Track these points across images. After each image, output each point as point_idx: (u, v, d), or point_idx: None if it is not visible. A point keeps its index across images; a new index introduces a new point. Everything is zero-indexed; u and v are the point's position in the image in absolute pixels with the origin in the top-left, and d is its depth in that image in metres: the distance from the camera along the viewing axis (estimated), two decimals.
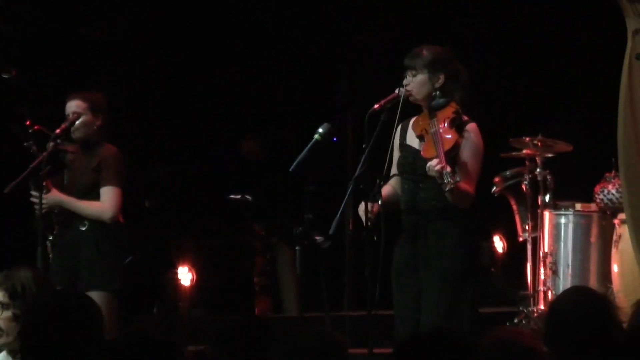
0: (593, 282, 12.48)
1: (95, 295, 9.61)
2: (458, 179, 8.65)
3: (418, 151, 9.00)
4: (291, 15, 17.07)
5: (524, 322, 12.71)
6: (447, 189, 8.64)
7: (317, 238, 9.74)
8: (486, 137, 9.35)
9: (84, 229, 10.39)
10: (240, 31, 17.25)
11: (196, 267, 13.95)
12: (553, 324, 6.28)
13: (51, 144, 10.23)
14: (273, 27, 17.27)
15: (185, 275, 13.94)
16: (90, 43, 16.29)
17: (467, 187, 8.86)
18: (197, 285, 13.99)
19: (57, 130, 10.26)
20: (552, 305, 6.90)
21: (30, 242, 10.81)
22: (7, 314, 7.60)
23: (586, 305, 6.19)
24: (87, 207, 10.44)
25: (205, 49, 17.40)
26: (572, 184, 13.80)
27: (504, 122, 14.35)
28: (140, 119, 14.83)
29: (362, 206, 9.16)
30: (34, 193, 10.44)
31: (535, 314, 12.96)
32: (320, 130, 9.39)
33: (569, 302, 6.40)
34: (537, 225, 13.21)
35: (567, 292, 7.36)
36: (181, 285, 13.69)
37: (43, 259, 10.44)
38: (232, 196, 13.72)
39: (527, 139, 13.09)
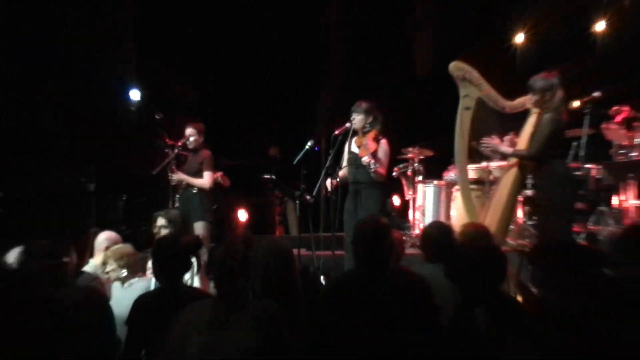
0: (442, 219, 14.97)
1: (200, 224, 13.96)
2: (377, 166, 12.33)
3: (357, 154, 12.60)
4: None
5: (406, 238, 14.17)
6: (371, 171, 12.37)
7: (307, 197, 13.31)
8: (392, 146, 12.90)
9: (194, 191, 14.35)
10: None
11: (248, 211, 17.21)
12: (424, 241, 8.90)
13: (176, 150, 14.24)
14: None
15: (243, 215, 17.13)
16: None
17: (381, 171, 12.48)
18: (248, 220, 17.01)
19: (179, 143, 14.36)
20: (424, 231, 9.25)
21: (165, 198, 14.50)
22: (165, 231, 10.61)
23: (441, 229, 8.81)
24: (196, 181, 14.33)
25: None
26: (433, 171, 16.20)
27: (402, 137, 16.14)
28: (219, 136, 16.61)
29: (328, 181, 12.72)
30: (169, 174, 14.30)
31: (414, 236, 15.33)
32: (309, 143, 12.77)
33: (432, 229, 8.95)
34: (415, 191, 15.78)
35: (430, 224, 9.49)
36: (240, 220, 16.79)
37: (174, 205, 14.15)
38: (265, 176, 14.92)
39: (411, 148, 15.93)
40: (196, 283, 9.28)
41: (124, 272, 9.73)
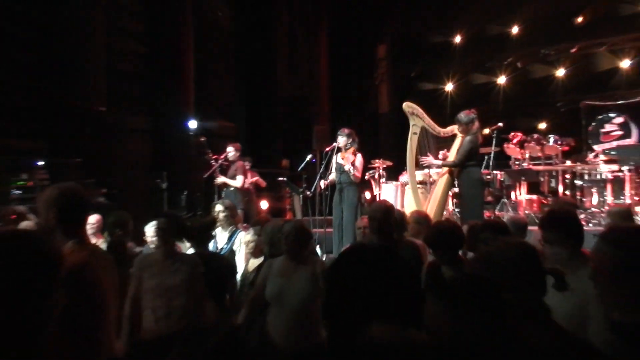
0: (398, 207, 13.31)
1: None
2: (355, 172, 12.25)
3: (341, 164, 12.41)
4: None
5: None
6: (351, 175, 12.25)
7: (307, 193, 13.79)
8: (364, 158, 12.66)
9: (231, 189, 14.34)
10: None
11: (268, 201, 16.61)
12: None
13: (220, 162, 14.45)
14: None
15: (264, 204, 16.40)
16: None
17: (357, 175, 12.31)
18: (268, 208, 16.38)
19: (222, 157, 14.50)
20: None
21: (212, 193, 14.74)
22: (222, 215, 9.73)
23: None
24: (232, 182, 14.30)
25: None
26: (392, 175, 15.68)
27: (371, 152, 16.37)
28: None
29: (322, 182, 12.81)
30: (215, 178, 14.42)
31: None
32: (309, 156, 13.31)
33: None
34: (380, 188, 15.03)
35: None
36: (262, 208, 16.03)
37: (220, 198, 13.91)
38: (279, 178, 16.35)
39: (377, 160, 15.26)
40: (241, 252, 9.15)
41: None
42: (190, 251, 7.95)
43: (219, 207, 9.86)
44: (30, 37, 16.33)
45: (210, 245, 8.58)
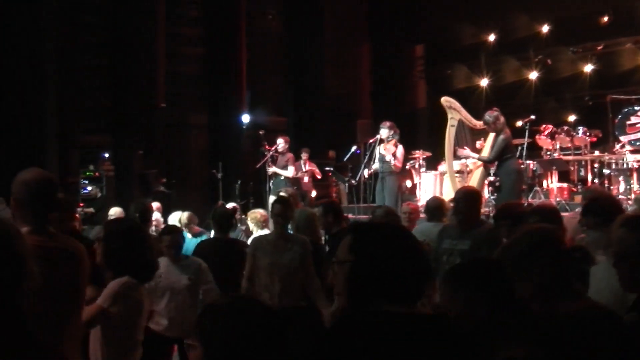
0: (437, 195, 13.16)
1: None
2: (395, 162, 12.27)
3: (383, 154, 12.35)
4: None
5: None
6: (392, 165, 12.24)
7: (352, 182, 14.00)
8: (405, 149, 12.77)
9: (282, 178, 14.39)
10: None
11: (316, 190, 16.13)
12: (425, 208, 8.51)
13: (271, 153, 14.48)
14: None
15: (313, 192, 15.82)
16: None
17: (398, 165, 12.36)
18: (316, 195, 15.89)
19: (273, 148, 14.50)
20: (426, 203, 8.85)
21: (263, 182, 14.83)
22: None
23: (436, 201, 8.94)
24: (283, 172, 14.35)
25: None
26: (431, 165, 15.25)
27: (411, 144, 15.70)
28: None
29: (365, 171, 12.96)
30: (267, 167, 14.51)
31: (420, 206, 12.21)
32: (353, 148, 13.61)
33: (431, 201, 8.58)
34: (420, 177, 14.94)
35: (429, 199, 8.92)
36: (312, 196, 15.52)
37: (270, 188, 14.48)
38: (326, 168, 16.25)
39: (417, 150, 15.28)
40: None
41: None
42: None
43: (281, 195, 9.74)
44: (100, 43, 16.82)
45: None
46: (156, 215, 9.76)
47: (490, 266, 2.97)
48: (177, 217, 9.64)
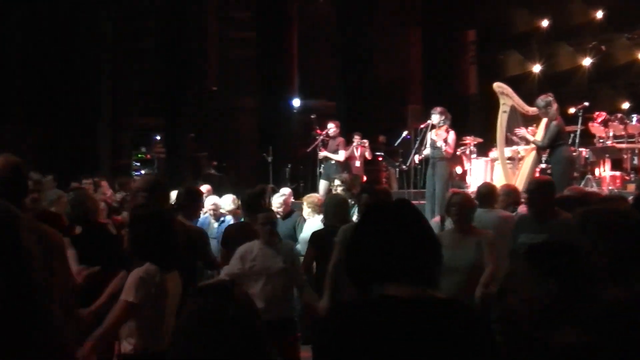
0: (488, 181, 12.93)
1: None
2: (446, 147, 12.07)
3: (434, 139, 12.19)
4: None
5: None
6: (443, 151, 12.06)
7: (403, 167, 14.19)
8: (456, 135, 12.56)
9: (332, 162, 14.26)
10: None
11: (366, 175, 15.64)
12: (477, 195, 8.03)
13: (322, 137, 14.48)
14: None
15: (363, 177, 15.18)
16: None
17: (449, 150, 12.15)
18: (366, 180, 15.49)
19: (324, 132, 14.50)
20: (477, 189, 8.97)
21: (314, 166, 14.92)
22: (340, 189, 9.64)
23: (488, 186, 8.91)
24: (334, 156, 14.24)
25: None
26: (482, 151, 14.92)
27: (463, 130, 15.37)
28: None
29: (416, 156, 13.00)
30: (318, 152, 14.52)
31: (470, 192, 14.46)
32: (404, 133, 13.73)
33: (482, 187, 8.34)
34: (470, 163, 14.60)
35: (480, 185, 8.94)
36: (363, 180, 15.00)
37: (320, 172, 14.49)
38: (377, 153, 16.13)
39: (468, 136, 14.81)
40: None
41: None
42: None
43: (336, 182, 9.88)
44: (153, 27, 17.08)
45: None
46: (213, 199, 9.66)
47: (565, 250, 2.79)
48: (229, 200, 9.59)
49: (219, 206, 9.56)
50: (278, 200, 9.06)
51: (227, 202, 9.55)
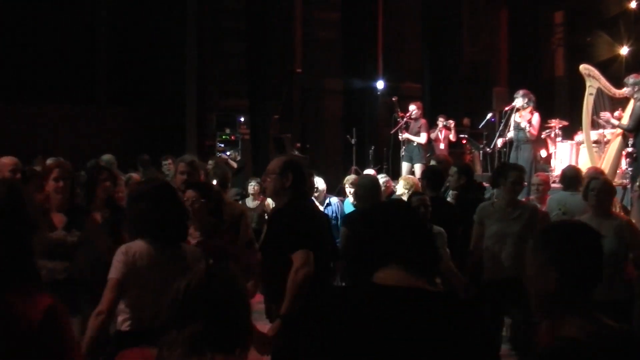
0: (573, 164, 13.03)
1: (418, 165, 13.71)
2: (531, 130, 12.02)
3: (518, 122, 12.17)
4: None
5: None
6: (527, 132, 12.01)
7: (487, 149, 14.27)
8: (541, 117, 12.43)
9: (414, 145, 14.13)
10: None
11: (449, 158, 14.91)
12: (560, 178, 8.72)
13: (405, 119, 14.31)
14: None
15: None
16: None
17: (534, 133, 12.08)
18: None
19: (407, 114, 14.28)
20: (561, 172, 9.55)
21: (397, 148, 14.73)
22: None
23: (572, 170, 9.02)
24: (416, 138, 14.07)
25: None
26: (567, 134, 14.62)
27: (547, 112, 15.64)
28: None
29: (500, 139, 12.98)
30: (399, 134, 14.40)
31: (555, 176, 13.12)
32: (489, 115, 13.65)
33: (568, 169, 8.75)
34: (555, 147, 14.26)
35: (565, 169, 9.25)
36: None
37: (402, 154, 14.35)
38: (461, 135, 16.21)
39: (553, 119, 14.57)
40: None
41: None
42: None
43: (432, 162, 10.07)
44: (238, 8, 17.30)
45: None
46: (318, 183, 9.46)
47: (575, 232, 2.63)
48: (321, 180, 9.53)
49: (322, 192, 9.47)
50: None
51: (321, 182, 9.48)
